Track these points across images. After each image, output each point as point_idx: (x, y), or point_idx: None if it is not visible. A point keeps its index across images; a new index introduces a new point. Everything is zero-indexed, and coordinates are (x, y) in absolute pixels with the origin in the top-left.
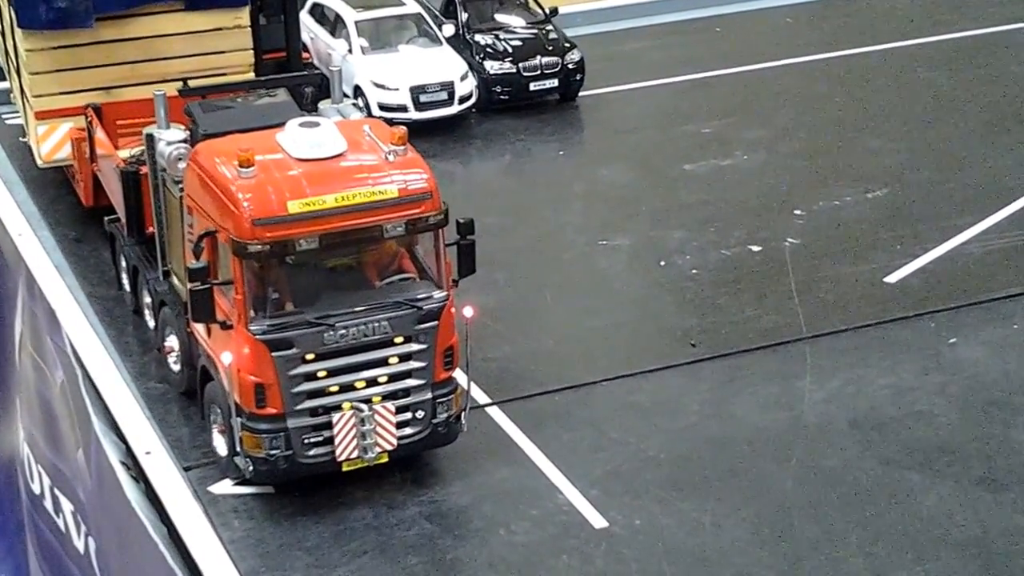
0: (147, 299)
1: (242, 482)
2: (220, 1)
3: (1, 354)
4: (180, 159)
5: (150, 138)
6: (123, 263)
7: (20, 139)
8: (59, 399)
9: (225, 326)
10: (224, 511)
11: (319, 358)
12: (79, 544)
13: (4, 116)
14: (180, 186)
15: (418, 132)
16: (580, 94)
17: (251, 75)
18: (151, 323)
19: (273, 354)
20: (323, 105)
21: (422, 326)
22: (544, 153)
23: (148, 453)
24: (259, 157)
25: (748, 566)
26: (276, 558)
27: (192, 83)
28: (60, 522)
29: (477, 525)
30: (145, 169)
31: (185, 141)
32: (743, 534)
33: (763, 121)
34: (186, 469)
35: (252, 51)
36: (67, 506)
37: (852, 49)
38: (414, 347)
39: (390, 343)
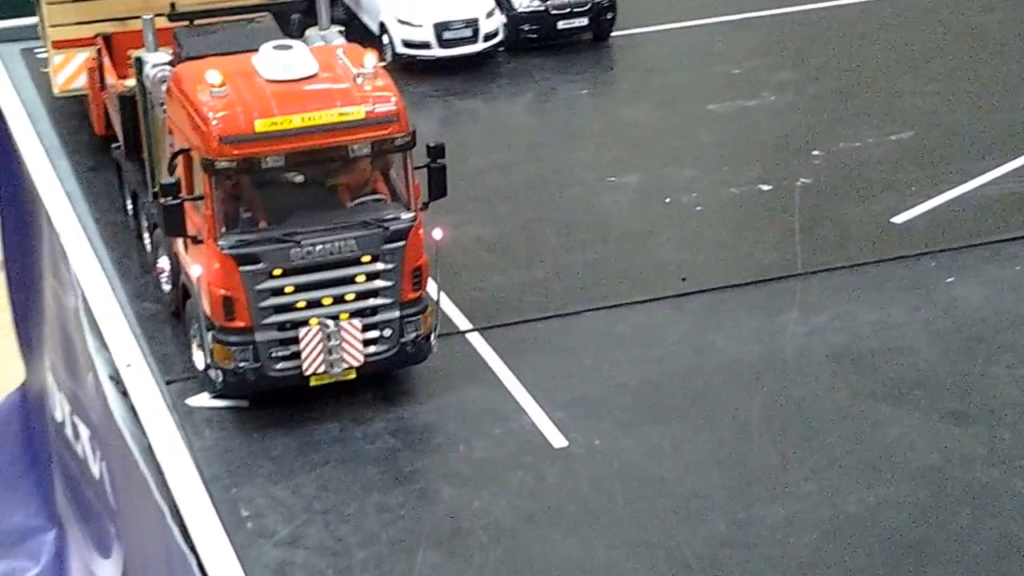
0: (144, 222)
1: (219, 396)
2: None
3: (31, 292)
4: (163, 81)
5: (138, 61)
6: (126, 189)
7: (42, 70)
8: (73, 323)
9: (196, 241)
10: (198, 422)
11: (286, 274)
12: (95, 469)
13: (36, 51)
14: (164, 107)
15: (443, 69)
16: (614, 34)
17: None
18: (149, 246)
19: (240, 268)
20: (310, 32)
21: (389, 246)
22: (568, 92)
23: (128, 366)
24: (233, 78)
25: (700, 486)
26: (241, 466)
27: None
28: (79, 449)
29: (439, 441)
30: None
31: (171, 64)
32: (700, 457)
33: (797, 62)
34: (167, 383)
35: None
36: (84, 432)
37: None
38: (381, 266)
39: (357, 261)
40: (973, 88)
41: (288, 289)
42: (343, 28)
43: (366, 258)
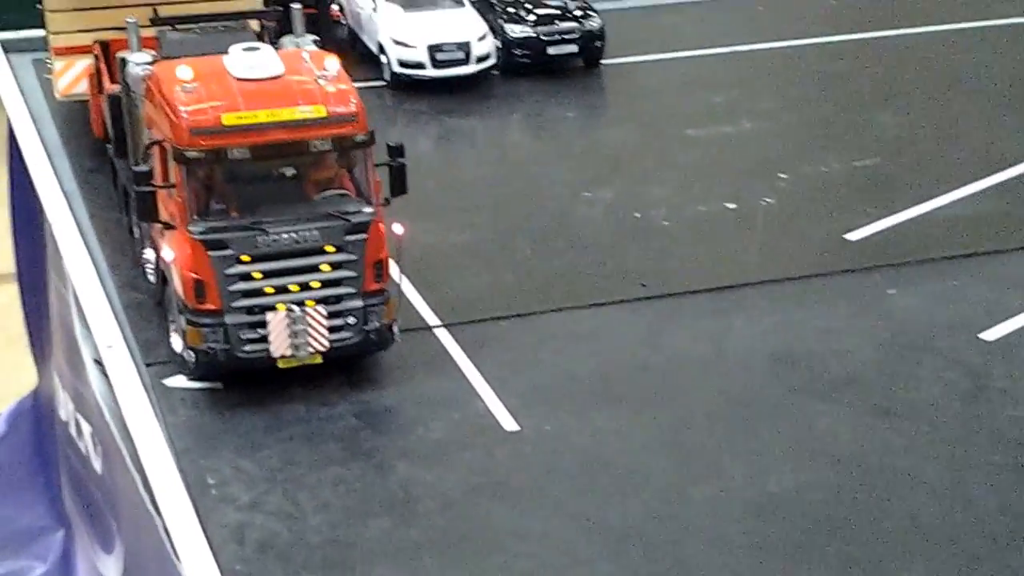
0: (134, 216)
1: (195, 378)
2: None
3: (41, 296)
4: (143, 79)
5: (122, 61)
6: (118, 185)
7: (45, 75)
8: (74, 317)
9: (168, 227)
10: (173, 400)
11: (254, 260)
12: (97, 465)
13: (46, 61)
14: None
15: (438, 89)
16: (606, 63)
17: None
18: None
19: (210, 253)
20: (286, 39)
21: (351, 237)
22: (554, 114)
23: (110, 347)
24: (204, 76)
25: (638, 467)
26: (210, 440)
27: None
28: (82, 446)
29: (398, 423)
30: None
31: (151, 64)
32: (641, 442)
33: (778, 94)
34: (147, 365)
35: None
36: (87, 428)
37: (888, 31)
38: (343, 257)
39: (320, 251)
40: (940, 122)
41: (256, 275)
42: (317, 38)
43: (330, 248)
